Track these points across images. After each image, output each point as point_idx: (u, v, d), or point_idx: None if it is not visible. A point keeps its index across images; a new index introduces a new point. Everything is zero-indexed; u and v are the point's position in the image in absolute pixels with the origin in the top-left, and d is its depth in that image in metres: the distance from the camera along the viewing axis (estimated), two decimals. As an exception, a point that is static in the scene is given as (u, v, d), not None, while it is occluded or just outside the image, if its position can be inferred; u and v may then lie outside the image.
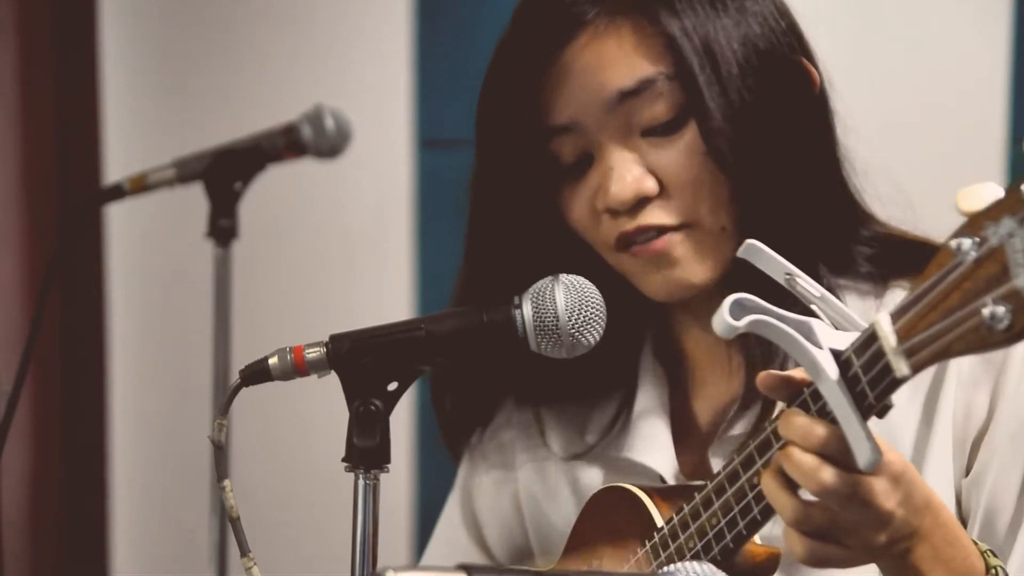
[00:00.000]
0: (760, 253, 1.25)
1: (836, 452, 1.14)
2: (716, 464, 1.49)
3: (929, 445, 1.42)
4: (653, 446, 1.53)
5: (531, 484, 1.63)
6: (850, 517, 1.16)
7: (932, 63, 2.93)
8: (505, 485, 1.66)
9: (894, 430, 1.40)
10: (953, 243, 1.03)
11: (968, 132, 2.93)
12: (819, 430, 1.14)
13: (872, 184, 1.53)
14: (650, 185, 1.43)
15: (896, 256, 1.50)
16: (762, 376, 1.20)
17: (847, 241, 1.49)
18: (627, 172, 1.43)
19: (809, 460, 1.14)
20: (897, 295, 1.48)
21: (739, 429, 1.48)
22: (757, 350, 1.47)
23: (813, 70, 1.48)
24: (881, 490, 1.15)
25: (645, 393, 1.57)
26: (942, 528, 1.21)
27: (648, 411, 1.56)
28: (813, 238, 1.44)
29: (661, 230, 1.44)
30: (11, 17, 2.89)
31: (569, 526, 1.59)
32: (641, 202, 1.44)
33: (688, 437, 1.55)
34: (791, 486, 1.17)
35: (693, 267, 1.46)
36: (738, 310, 1.14)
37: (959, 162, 2.89)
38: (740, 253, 1.25)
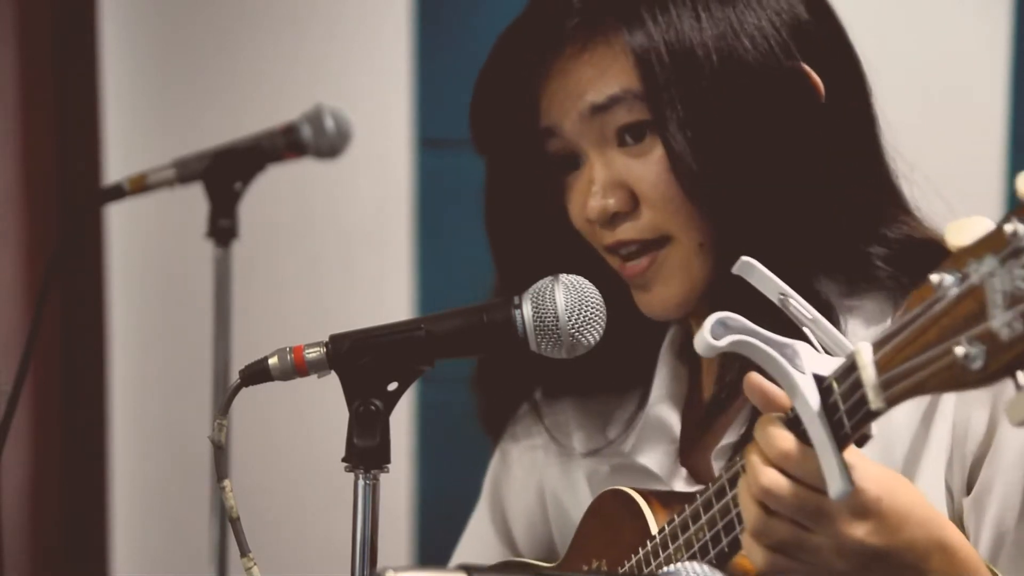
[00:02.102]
0: (753, 270, 1.24)
1: (797, 469, 1.13)
2: (717, 468, 1.49)
3: (923, 454, 1.41)
4: (657, 448, 1.54)
5: (554, 478, 1.65)
6: (812, 539, 1.15)
7: (932, 63, 2.93)
8: (531, 477, 1.68)
9: (892, 437, 1.39)
10: (935, 278, 1.01)
11: (968, 132, 2.93)
12: (786, 443, 1.13)
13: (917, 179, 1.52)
14: (621, 202, 1.45)
15: (915, 258, 1.47)
16: (751, 377, 1.19)
17: (859, 245, 1.47)
18: (602, 187, 1.46)
19: (755, 459, 1.15)
20: None
21: (729, 438, 1.48)
22: (728, 363, 1.47)
23: (815, 76, 1.45)
24: (840, 516, 1.14)
25: (658, 391, 1.57)
26: (959, 567, 1.19)
27: (659, 411, 1.56)
28: (810, 249, 1.43)
29: (641, 245, 1.46)
30: (11, 17, 2.89)
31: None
32: (616, 217, 1.46)
33: (699, 437, 1.55)
34: None
35: (671, 287, 1.47)
36: (721, 329, 1.13)
37: (959, 162, 2.89)
38: (735, 270, 1.25)
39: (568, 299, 1.33)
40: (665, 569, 1.09)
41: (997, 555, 1.38)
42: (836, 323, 1.40)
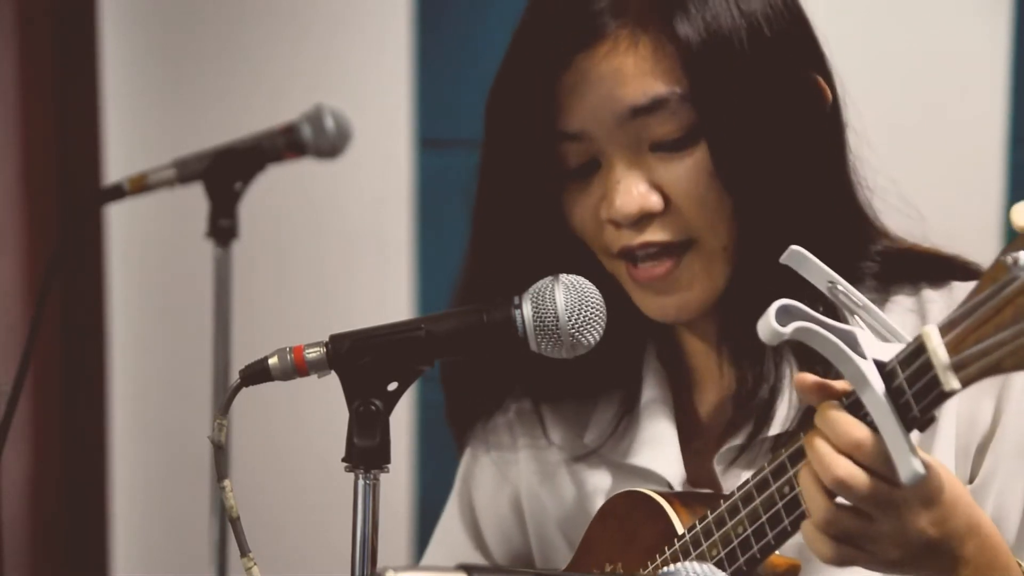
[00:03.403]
0: (803, 259, 1.23)
1: (868, 457, 1.12)
2: (720, 472, 1.48)
3: (932, 451, 1.41)
4: (660, 451, 1.52)
5: (534, 485, 1.62)
6: (877, 527, 1.15)
7: (932, 64, 2.93)
8: (505, 485, 1.65)
9: None
10: (1008, 258, 1.01)
11: (968, 133, 2.93)
12: (857, 432, 1.13)
13: (881, 196, 1.52)
14: (655, 202, 1.42)
15: (901, 267, 1.49)
16: (801, 376, 1.19)
17: (854, 257, 1.48)
18: (633, 187, 1.42)
19: (824, 448, 1.14)
20: (898, 304, 1.48)
21: (738, 440, 1.47)
22: (750, 373, 1.47)
23: (825, 85, 1.46)
24: (906, 504, 1.14)
25: (650, 395, 1.55)
26: (989, 552, 1.20)
27: (654, 415, 1.54)
28: (818, 254, 1.44)
29: (664, 247, 1.43)
30: (11, 18, 2.89)
31: (570, 528, 1.58)
32: (645, 218, 1.43)
33: (694, 442, 1.54)
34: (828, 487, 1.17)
35: (692, 291, 1.45)
36: (784, 316, 1.13)
37: (959, 163, 2.89)
38: (784, 259, 1.24)
39: (568, 299, 1.32)
40: (665, 569, 1.09)
41: None
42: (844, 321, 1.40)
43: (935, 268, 1.49)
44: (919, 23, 2.95)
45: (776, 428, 1.45)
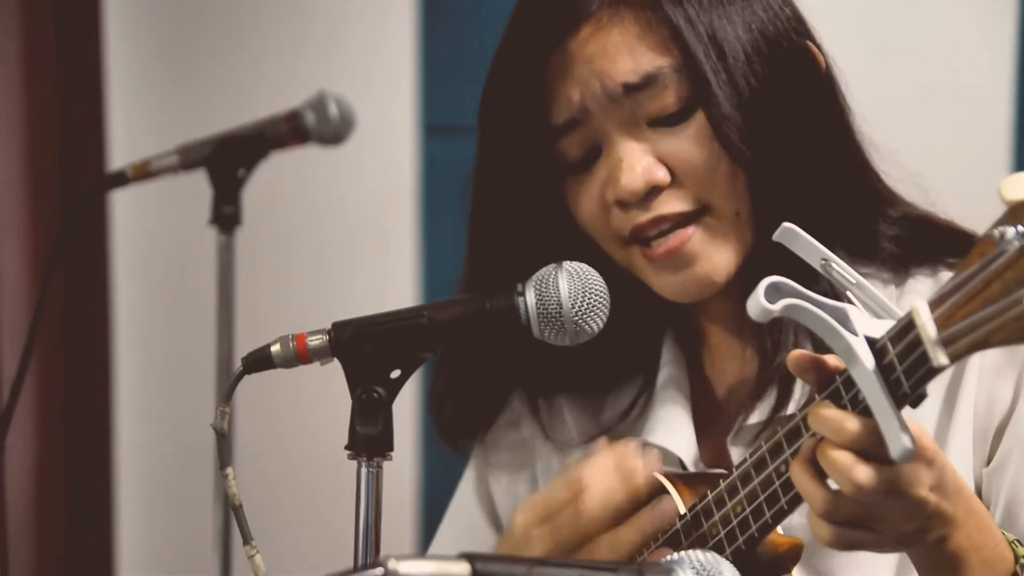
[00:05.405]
0: (796, 237, 1.23)
1: (869, 445, 1.12)
2: (734, 452, 1.48)
3: (949, 434, 1.41)
4: (673, 430, 1.52)
5: (550, 466, 1.62)
6: (882, 507, 1.15)
7: (937, 54, 2.93)
8: (522, 466, 1.65)
9: (915, 418, 1.39)
10: (996, 232, 1.01)
11: (973, 122, 2.92)
12: (851, 424, 1.12)
13: (885, 166, 1.52)
14: (661, 174, 1.42)
15: (920, 239, 1.49)
16: (794, 355, 1.18)
17: (871, 221, 1.48)
18: (637, 162, 1.42)
19: (843, 458, 1.13)
20: (917, 284, 1.47)
21: (755, 418, 1.47)
22: (768, 340, 1.46)
23: (818, 52, 1.47)
24: (915, 478, 1.14)
25: (666, 378, 1.56)
26: (975, 515, 1.21)
27: (669, 396, 1.55)
28: (832, 221, 1.43)
29: (676, 221, 1.43)
30: (16, 5, 2.88)
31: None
32: (653, 192, 1.42)
33: (708, 423, 1.54)
34: (821, 476, 1.16)
35: (711, 260, 1.44)
36: (773, 293, 1.13)
37: (965, 153, 2.88)
38: (776, 236, 1.24)
39: (571, 286, 1.32)
40: (667, 558, 1.09)
41: (1011, 522, 1.39)
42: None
43: (956, 245, 1.49)
44: (925, 14, 2.94)
45: (793, 407, 1.44)
